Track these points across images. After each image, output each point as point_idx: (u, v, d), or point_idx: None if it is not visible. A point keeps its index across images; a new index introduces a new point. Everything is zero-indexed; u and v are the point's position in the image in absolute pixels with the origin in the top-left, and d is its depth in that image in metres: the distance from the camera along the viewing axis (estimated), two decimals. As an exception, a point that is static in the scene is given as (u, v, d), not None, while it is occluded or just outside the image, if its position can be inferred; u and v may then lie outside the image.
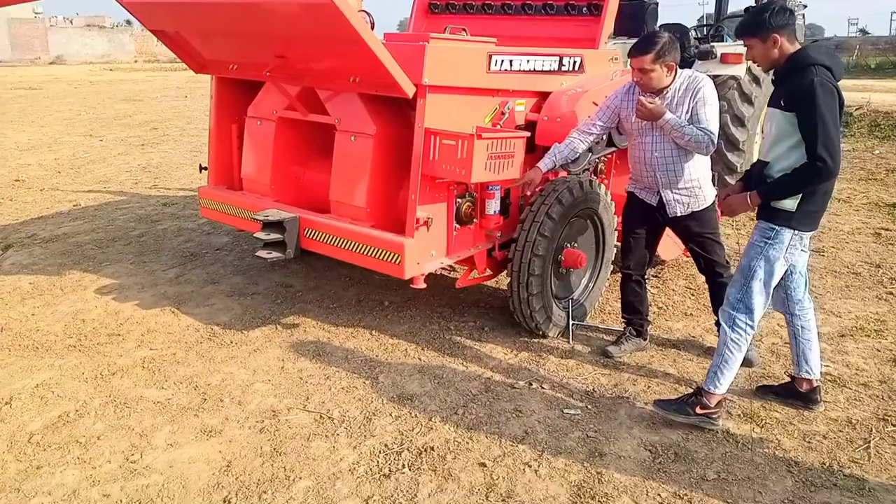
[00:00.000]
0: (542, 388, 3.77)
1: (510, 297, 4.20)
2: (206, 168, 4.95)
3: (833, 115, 2.92)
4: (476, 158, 3.46)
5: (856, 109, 13.39)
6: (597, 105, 4.08)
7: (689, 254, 4.04)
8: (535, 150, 4.25)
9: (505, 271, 4.30)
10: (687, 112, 3.65)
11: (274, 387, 3.79)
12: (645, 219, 3.96)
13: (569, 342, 4.31)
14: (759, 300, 3.21)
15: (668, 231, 4.11)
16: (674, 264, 5.56)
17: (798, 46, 3.11)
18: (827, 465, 3.04)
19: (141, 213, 7.48)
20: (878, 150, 11.00)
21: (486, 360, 4.11)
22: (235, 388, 3.77)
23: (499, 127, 4.01)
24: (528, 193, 4.02)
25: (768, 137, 3.19)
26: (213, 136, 4.82)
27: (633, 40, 3.82)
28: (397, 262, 3.66)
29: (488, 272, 4.31)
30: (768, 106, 3.21)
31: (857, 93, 15.74)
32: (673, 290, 5.21)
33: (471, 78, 3.73)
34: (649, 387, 3.79)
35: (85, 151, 11.27)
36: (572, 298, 4.46)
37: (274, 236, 4.08)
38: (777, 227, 3.13)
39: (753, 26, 3.14)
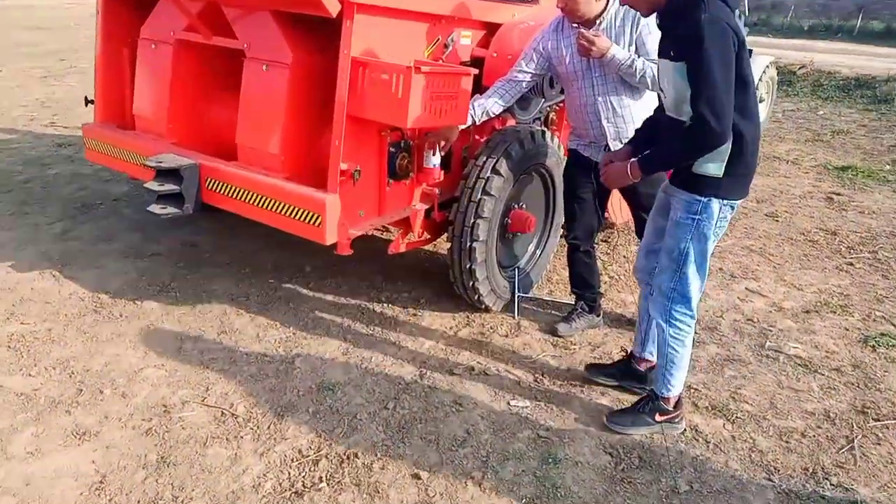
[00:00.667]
0: (486, 373, 3.26)
1: (450, 265, 3.64)
2: (92, 101, 4.13)
3: (723, 61, 2.34)
4: (413, 98, 2.84)
5: (799, 69, 13.23)
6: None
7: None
8: (478, 90, 3.65)
9: (444, 235, 3.73)
10: (629, 45, 3.13)
11: (168, 373, 3.15)
12: (591, 180, 3.42)
13: (514, 317, 3.81)
14: (695, 285, 2.74)
15: (616, 191, 3.61)
16: (624, 228, 5.10)
17: None
18: (810, 470, 2.65)
19: (31, 154, 6.51)
20: (821, 110, 10.84)
21: (421, 339, 3.56)
22: (120, 376, 3.11)
23: (441, 62, 3.38)
24: (435, 152, 3.42)
25: (667, 99, 2.64)
26: (100, 63, 3.99)
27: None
28: (317, 223, 3.03)
29: (426, 236, 3.73)
30: (658, 57, 2.64)
31: (796, 52, 15.62)
32: (625, 256, 4.76)
33: (406, -1, 3.08)
34: (606, 371, 3.33)
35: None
36: (518, 267, 3.94)
37: (169, 187, 3.36)
38: (703, 199, 2.60)
39: None
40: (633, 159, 2.70)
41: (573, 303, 3.82)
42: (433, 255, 4.51)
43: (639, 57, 3.08)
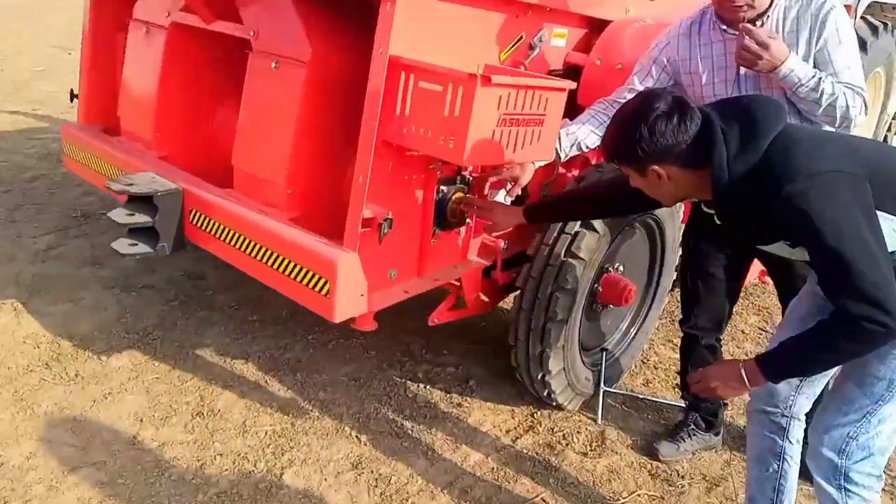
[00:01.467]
0: (555, 522, 2.26)
1: (513, 347, 2.64)
2: (77, 96, 3.31)
3: (859, 235, 1.50)
4: (476, 121, 1.86)
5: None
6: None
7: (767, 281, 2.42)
8: (570, 112, 2.65)
9: (510, 300, 2.74)
10: (807, 56, 2.06)
11: (105, 482, 2.27)
12: (724, 247, 2.37)
13: (597, 422, 2.77)
14: (891, 431, 1.75)
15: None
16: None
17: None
18: None
19: (53, 147, 5.83)
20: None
21: (464, 448, 2.58)
22: (40, 481, 2.25)
23: (523, 69, 2.39)
24: (503, 192, 2.46)
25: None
26: (87, 50, 3.15)
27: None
28: (324, 290, 2.08)
29: (482, 300, 2.74)
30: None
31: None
32: (743, 331, 3.65)
33: (480, -23, 2.09)
34: (731, 531, 2.28)
35: (42, 64, 9.42)
36: (605, 349, 2.90)
37: (139, 219, 2.48)
38: None
39: (623, 151, 1.71)
40: (748, 360, 1.70)
41: (682, 407, 2.76)
42: (492, 312, 3.51)
43: (825, 75, 2.02)
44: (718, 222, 1.80)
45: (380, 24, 1.92)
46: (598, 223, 2.43)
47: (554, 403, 2.72)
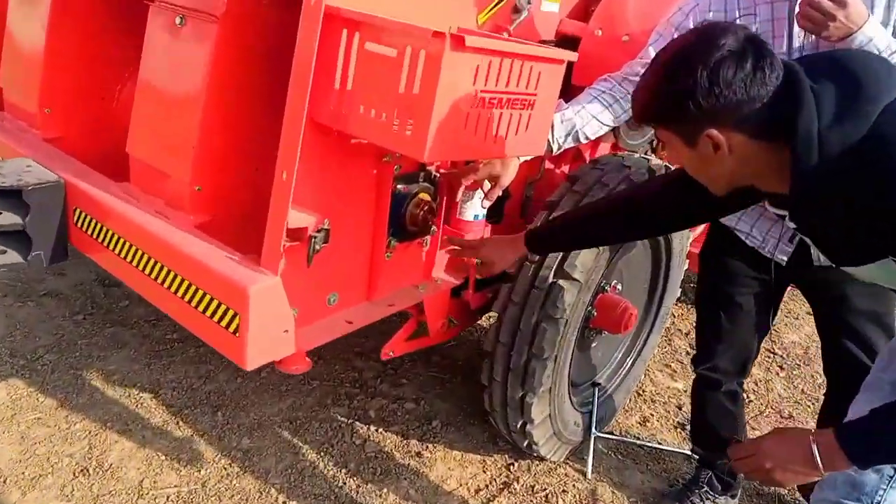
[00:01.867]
0: None
1: (487, 389, 2.11)
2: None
3: None
4: (443, 99, 1.32)
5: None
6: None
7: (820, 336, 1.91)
8: (564, 92, 2.13)
9: (484, 322, 2.21)
10: (882, 22, 1.54)
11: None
12: (751, 279, 1.87)
13: (587, 475, 2.27)
14: None
15: None
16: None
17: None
18: None
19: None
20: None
21: (424, 512, 2.07)
22: None
23: (506, 35, 1.84)
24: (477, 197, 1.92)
25: None
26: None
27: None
28: (233, 328, 1.52)
29: (450, 323, 2.20)
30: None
31: None
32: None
33: None
34: None
35: None
36: (597, 384, 2.39)
37: (7, 220, 1.89)
38: None
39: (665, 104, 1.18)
40: (821, 432, 1.20)
41: (687, 455, 2.29)
42: (460, 336, 2.99)
43: None
44: (792, 226, 1.29)
45: (311, -39, 1.37)
46: (597, 236, 1.90)
47: (535, 454, 2.21)
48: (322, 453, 2.24)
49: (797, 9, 1.51)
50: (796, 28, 1.57)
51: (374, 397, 2.53)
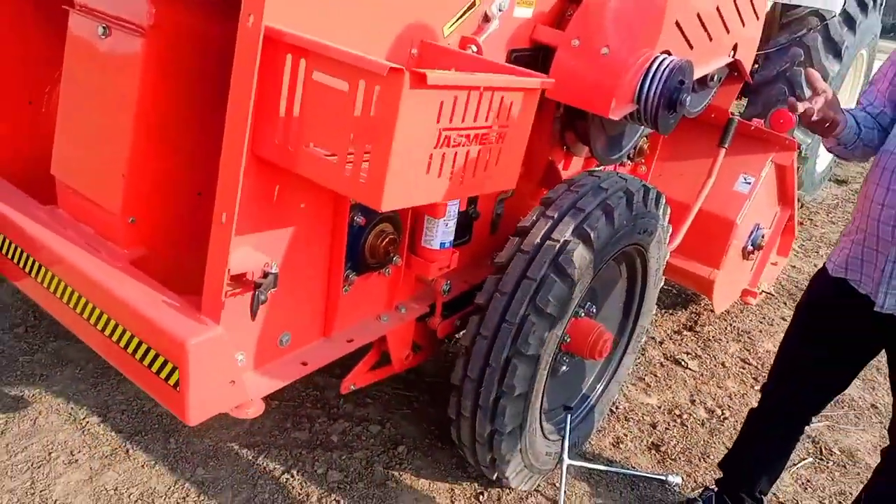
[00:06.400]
0: None
1: (455, 423, 1.99)
2: None
3: None
4: (402, 140, 1.17)
5: None
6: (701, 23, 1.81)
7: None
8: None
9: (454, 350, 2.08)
10: None
11: None
12: (852, 328, 1.78)
13: (559, 503, 2.19)
14: None
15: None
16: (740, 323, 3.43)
17: None
18: None
19: None
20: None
21: (387, 553, 1.96)
22: None
23: (473, 49, 1.68)
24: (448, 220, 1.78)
25: None
26: None
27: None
28: (172, 381, 1.38)
29: (415, 350, 2.07)
30: None
31: None
32: (724, 364, 3.10)
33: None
34: None
35: None
36: (570, 409, 2.29)
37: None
38: None
39: None
40: None
41: (666, 483, 2.22)
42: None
43: None
44: None
45: (249, -23, 1.19)
46: (576, 261, 1.78)
47: (504, 483, 2.11)
48: (282, 484, 2.11)
49: None
50: None
51: (337, 419, 2.40)
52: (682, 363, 2.98)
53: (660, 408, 2.69)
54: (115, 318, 1.46)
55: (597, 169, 2.17)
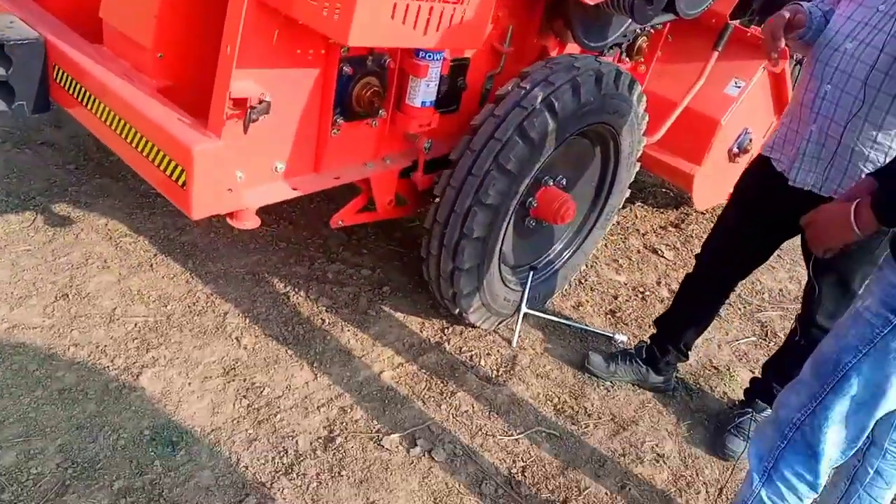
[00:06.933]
0: (430, 452, 2.08)
1: (425, 261, 2.33)
2: None
3: None
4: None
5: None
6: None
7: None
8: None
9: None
10: None
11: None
12: (772, 204, 2.01)
13: (512, 344, 2.53)
14: (836, 438, 1.53)
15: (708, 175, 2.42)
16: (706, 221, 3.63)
17: None
18: None
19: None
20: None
21: (358, 359, 2.34)
22: None
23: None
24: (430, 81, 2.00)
25: None
26: None
27: None
28: (180, 181, 1.72)
29: (399, 203, 2.38)
30: None
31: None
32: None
33: None
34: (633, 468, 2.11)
35: None
36: (535, 268, 2.59)
37: (-7, 69, 2.05)
38: None
39: None
40: (859, 199, 1.39)
41: (613, 340, 2.56)
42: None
43: None
44: None
45: None
46: (536, 131, 2.03)
47: (466, 321, 2.46)
48: (277, 303, 2.50)
49: None
50: None
51: (335, 262, 2.76)
52: (659, 252, 3.24)
53: (626, 284, 2.98)
54: (139, 130, 1.79)
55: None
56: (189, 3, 1.85)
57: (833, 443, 1.53)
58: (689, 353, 2.42)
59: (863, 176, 1.76)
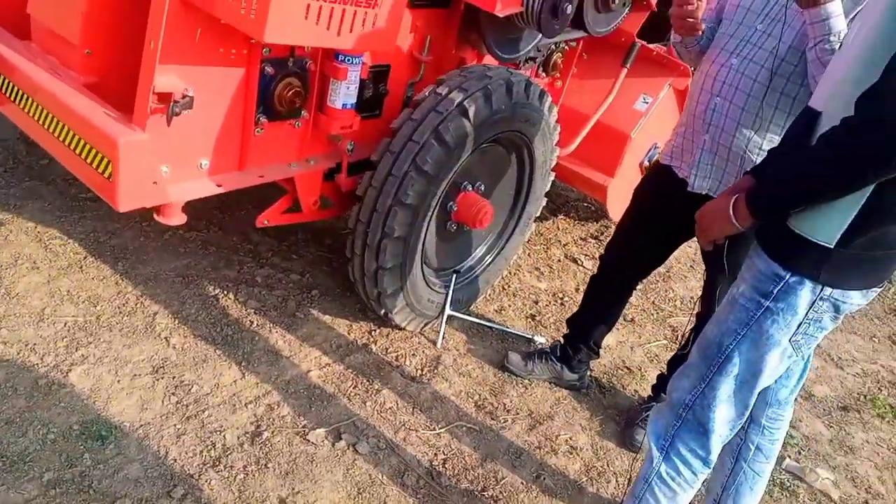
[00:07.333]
0: (355, 445, 2.15)
1: (350, 262, 2.42)
2: None
3: None
4: (281, -10, 1.54)
5: None
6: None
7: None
8: (446, 3, 2.36)
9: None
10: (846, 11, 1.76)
11: None
12: (670, 209, 2.16)
13: (437, 345, 2.63)
14: (724, 416, 1.67)
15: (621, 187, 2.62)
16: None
17: None
18: None
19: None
20: None
21: (286, 358, 2.41)
22: None
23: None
24: (350, 83, 2.12)
25: (840, 60, 1.50)
26: None
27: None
28: (106, 174, 1.79)
29: (325, 205, 2.48)
30: None
31: None
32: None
33: None
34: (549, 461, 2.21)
35: None
36: (457, 272, 2.72)
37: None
38: (785, 275, 1.48)
39: None
40: (737, 194, 1.52)
41: (528, 338, 2.68)
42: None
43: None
44: None
45: None
46: (451, 135, 2.17)
47: (392, 323, 2.55)
48: (206, 305, 2.54)
49: None
50: None
51: (264, 266, 2.83)
52: (579, 262, 3.41)
53: (546, 291, 3.13)
54: (68, 124, 1.86)
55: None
56: (115, 0, 1.94)
57: (722, 420, 1.66)
58: (600, 350, 2.57)
59: None
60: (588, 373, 2.61)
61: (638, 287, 3.06)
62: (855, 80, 1.30)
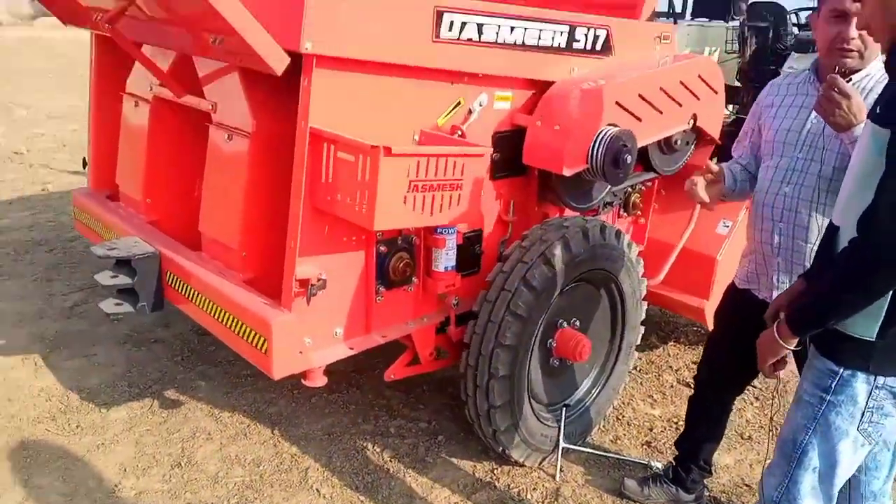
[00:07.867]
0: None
1: (465, 404, 2.71)
2: (87, 163, 3.63)
3: None
4: (384, 187, 2.00)
5: None
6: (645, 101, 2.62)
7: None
8: (522, 171, 2.77)
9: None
10: None
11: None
12: (751, 328, 2.14)
13: (556, 478, 2.78)
14: None
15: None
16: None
17: None
18: None
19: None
20: None
21: (419, 499, 2.65)
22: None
23: (459, 134, 2.52)
24: (448, 250, 2.51)
25: (848, 177, 1.67)
26: (94, 121, 3.45)
27: (716, 23, 2.30)
28: (263, 348, 2.24)
29: (440, 355, 2.82)
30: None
31: None
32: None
33: (401, 48, 2.25)
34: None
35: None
36: (567, 405, 2.91)
37: (121, 280, 2.73)
38: (839, 370, 1.63)
39: None
40: (779, 319, 1.73)
41: (650, 467, 2.78)
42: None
43: None
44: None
45: (301, 98, 2.12)
46: (538, 280, 2.50)
47: (511, 459, 2.75)
48: (349, 458, 2.88)
49: (820, 90, 1.93)
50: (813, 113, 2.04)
51: (396, 418, 3.16)
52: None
53: (661, 417, 3.21)
54: (231, 312, 2.36)
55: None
56: (262, 211, 2.50)
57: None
58: (712, 468, 2.61)
59: None
60: (706, 493, 2.64)
61: (754, 403, 3.11)
62: (858, 197, 1.51)
